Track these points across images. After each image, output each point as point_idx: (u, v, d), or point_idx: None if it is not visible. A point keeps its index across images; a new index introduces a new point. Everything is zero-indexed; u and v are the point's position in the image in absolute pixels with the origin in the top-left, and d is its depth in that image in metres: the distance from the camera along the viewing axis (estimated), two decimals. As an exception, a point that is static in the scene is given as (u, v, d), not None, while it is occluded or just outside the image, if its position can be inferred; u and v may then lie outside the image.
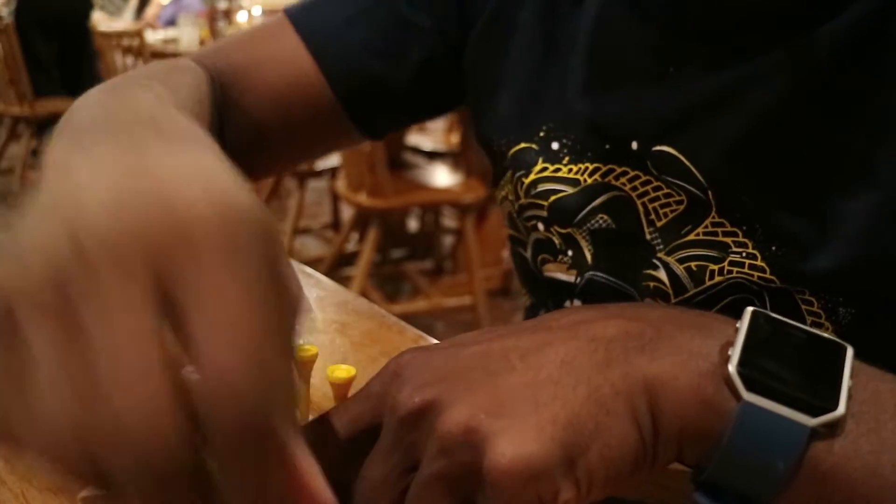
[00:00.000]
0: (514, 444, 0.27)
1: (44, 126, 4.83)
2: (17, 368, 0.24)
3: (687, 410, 0.29)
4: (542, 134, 0.57)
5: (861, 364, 0.31)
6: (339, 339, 0.56)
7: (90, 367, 0.23)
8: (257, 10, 5.39)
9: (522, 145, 0.58)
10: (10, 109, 4.28)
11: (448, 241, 3.37)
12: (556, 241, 0.57)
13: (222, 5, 5.11)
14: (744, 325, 0.31)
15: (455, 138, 3.28)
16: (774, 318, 0.32)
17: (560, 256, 0.58)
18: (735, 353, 0.29)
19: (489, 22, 0.60)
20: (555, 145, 0.56)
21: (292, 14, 0.64)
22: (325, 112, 0.63)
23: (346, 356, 0.54)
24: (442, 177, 2.98)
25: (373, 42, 0.62)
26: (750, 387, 0.28)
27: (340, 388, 0.37)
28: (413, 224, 3.50)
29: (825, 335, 0.32)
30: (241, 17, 5.12)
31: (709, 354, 0.30)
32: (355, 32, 0.62)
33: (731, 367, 0.29)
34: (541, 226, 0.58)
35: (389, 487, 0.31)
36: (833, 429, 0.29)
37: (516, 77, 0.59)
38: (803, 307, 0.48)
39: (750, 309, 0.32)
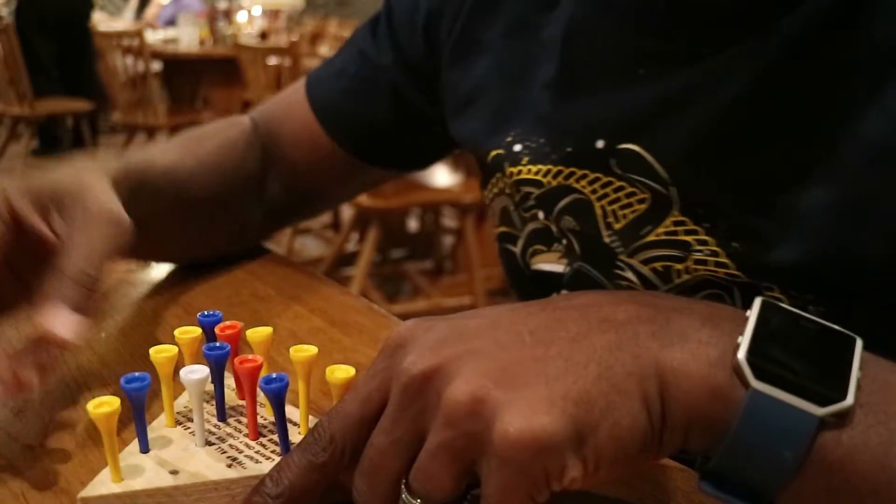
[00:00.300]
0: (523, 415, 0.27)
1: (43, 126, 4.84)
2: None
3: (696, 398, 0.29)
4: (509, 139, 0.59)
5: (871, 356, 0.31)
6: (338, 338, 0.56)
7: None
8: (257, 10, 5.40)
9: (493, 153, 0.60)
10: (10, 109, 4.28)
11: (448, 241, 3.37)
12: (554, 228, 0.59)
13: (222, 5, 5.10)
14: (753, 314, 0.31)
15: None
16: (785, 309, 0.32)
17: (555, 244, 0.59)
18: (744, 342, 0.29)
19: (457, 44, 0.64)
20: (517, 147, 0.59)
21: (309, 72, 0.74)
22: (336, 153, 0.72)
23: (345, 356, 0.54)
24: (442, 177, 2.98)
25: (352, 88, 0.70)
26: (759, 375, 0.28)
27: (340, 388, 0.37)
28: (413, 224, 3.50)
29: (835, 327, 0.32)
30: (240, 17, 5.12)
31: (718, 343, 0.30)
32: (341, 82, 0.71)
33: (741, 355, 0.29)
34: (541, 214, 0.59)
35: (397, 456, 0.31)
36: (841, 419, 0.28)
37: (485, 93, 0.62)
38: None
39: (760, 299, 0.32)
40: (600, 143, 0.53)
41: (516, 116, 0.59)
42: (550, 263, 0.60)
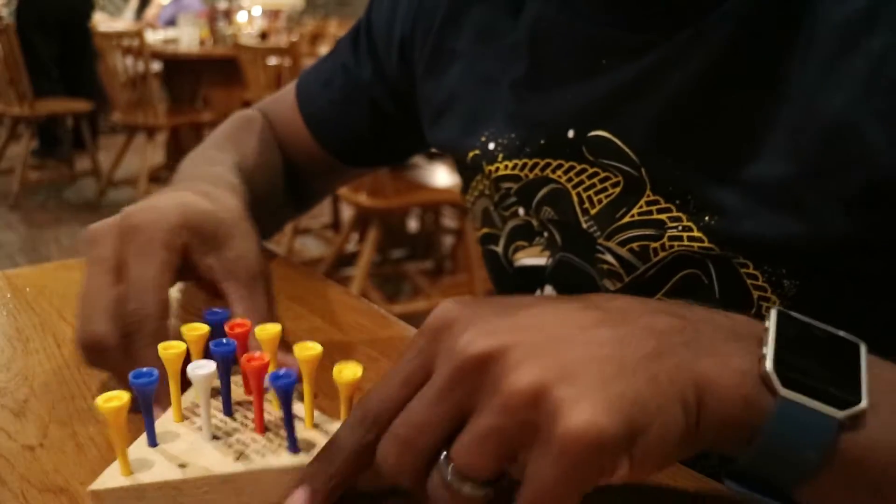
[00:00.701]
0: (587, 413, 0.28)
1: (44, 126, 4.84)
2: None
3: (729, 407, 0.31)
4: (483, 139, 0.62)
5: (873, 358, 0.33)
6: (338, 339, 0.56)
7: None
8: (257, 10, 5.39)
9: (471, 154, 0.63)
10: (9, 110, 4.28)
11: (448, 241, 3.37)
12: (535, 223, 0.61)
13: (222, 5, 5.10)
14: (772, 326, 0.33)
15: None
16: (797, 318, 0.34)
17: (537, 238, 0.61)
18: (769, 353, 0.31)
19: (430, 58, 0.67)
20: (491, 146, 0.61)
21: (300, 76, 0.80)
22: (322, 154, 0.78)
23: (346, 356, 0.54)
24: (442, 177, 2.98)
25: (337, 99, 0.76)
26: (785, 383, 0.31)
27: (348, 386, 0.38)
28: (413, 224, 3.50)
29: (840, 333, 0.34)
30: (240, 17, 5.12)
31: (744, 355, 0.32)
32: (328, 93, 0.76)
33: (769, 366, 0.31)
34: (521, 211, 0.61)
35: (434, 432, 0.31)
36: (857, 420, 0.31)
37: (458, 98, 0.65)
38: (749, 282, 0.50)
39: (775, 310, 0.34)
40: (571, 133, 0.56)
41: (489, 117, 0.62)
42: (533, 257, 0.61)
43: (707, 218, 0.49)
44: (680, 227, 0.50)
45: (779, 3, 0.47)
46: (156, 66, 4.42)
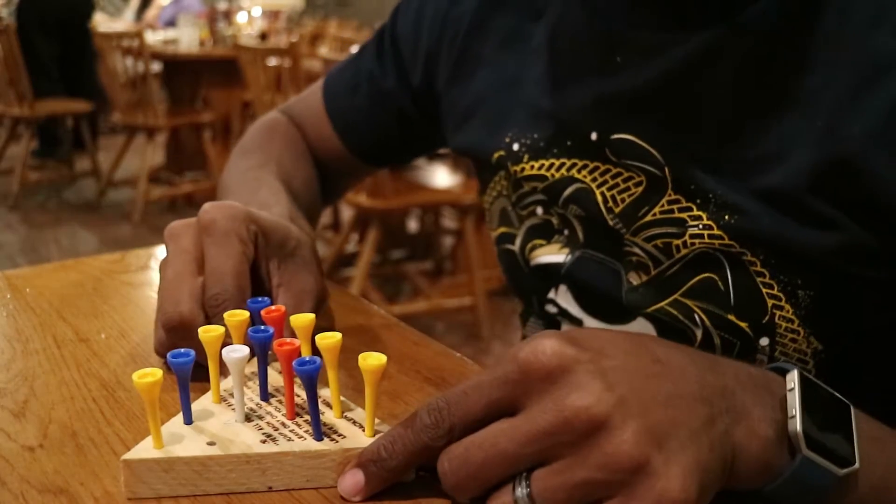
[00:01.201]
0: (681, 482, 0.32)
1: (43, 127, 4.84)
2: None
3: (753, 470, 0.36)
4: (507, 140, 0.63)
5: (858, 414, 0.39)
6: (338, 339, 0.56)
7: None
8: (257, 11, 5.40)
9: (496, 154, 0.64)
10: (9, 110, 4.28)
11: (448, 241, 3.37)
12: (555, 221, 0.62)
13: (222, 6, 5.11)
14: (797, 388, 0.37)
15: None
16: (810, 379, 0.38)
17: (556, 236, 0.63)
18: (798, 416, 0.36)
19: (456, 66, 0.69)
20: (515, 146, 0.63)
21: (326, 79, 0.82)
22: (346, 155, 0.80)
23: (346, 357, 0.54)
24: (442, 177, 2.98)
25: (364, 106, 0.78)
26: (809, 445, 0.35)
27: (373, 374, 0.39)
28: (413, 225, 3.50)
29: (835, 394, 0.39)
30: (240, 18, 5.12)
31: (771, 421, 0.36)
32: (355, 99, 0.78)
33: (799, 428, 0.35)
34: (539, 210, 0.63)
35: (510, 466, 0.35)
36: (851, 476, 0.36)
37: (484, 102, 0.67)
38: (764, 290, 0.51)
39: (796, 371, 0.38)
40: (594, 136, 0.57)
41: (512, 118, 0.63)
42: (551, 255, 0.63)
43: (727, 217, 0.51)
44: (700, 226, 0.52)
45: (808, 12, 0.48)
46: (156, 66, 4.42)
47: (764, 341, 0.51)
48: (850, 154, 0.46)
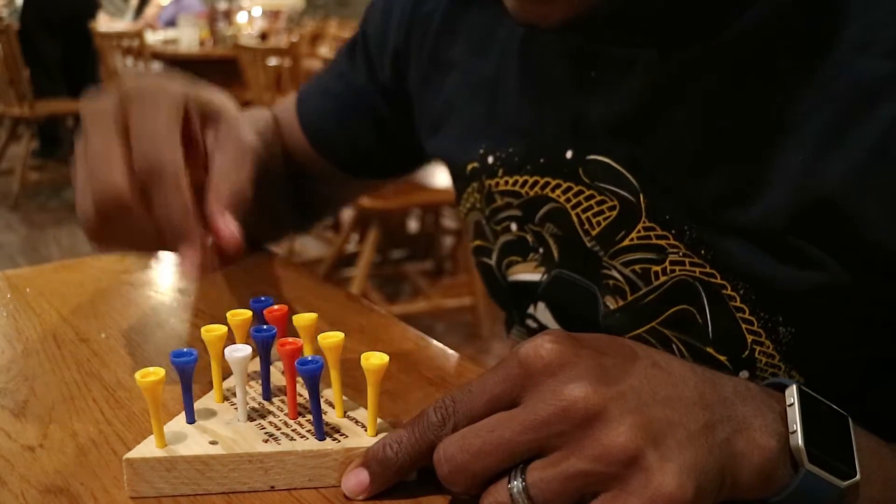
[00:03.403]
0: (676, 479, 0.32)
1: (44, 127, 4.84)
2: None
3: (754, 480, 0.35)
4: (481, 152, 0.61)
5: (855, 428, 0.38)
6: (339, 339, 0.56)
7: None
8: (257, 11, 5.40)
9: (470, 166, 0.62)
10: (10, 110, 4.28)
11: (448, 241, 3.37)
12: (530, 238, 0.60)
13: (222, 6, 5.11)
14: (797, 403, 0.37)
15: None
16: (809, 393, 0.38)
17: (531, 254, 0.60)
18: (799, 431, 0.36)
19: (427, 67, 0.66)
20: (490, 159, 0.60)
21: (301, 86, 0.78)
22: (329, 167, 0.75)
23: (346, 357, 0.54)
24: (442, 178, 2.97)
25: (335, 108, 0.74)
26: (810, 458, 0.35)
27: (375, 373, 0.39)
28: (413, 225, 3.50)
29: (834, 406, 0.39)
30: (240, 18, 5.12)
31: (772, 433, 0.36)
32: (326, 102, 0.74)
33: (801, 443, 0.35)
34: (514, 226, 0.60)
35: (512, 457, 0.35)
36: (852, 488, 0.36)
37: (456, 109, 0.64)
38: (744, 326, 0.49)
39: (795, 386, 0.38)
40: (569, 154, 0.55)
41: (487, 129, 0.61)
42: (527, 273, 0.61)
43: (703, 251, 0.49)
44: (680, 254, 0.50)
45: (792, 36, 0.45)
46: (156, 66, 4.42)
47: (744, 374, 0.50)
48: (832, 193, 0.43)
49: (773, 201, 0.45)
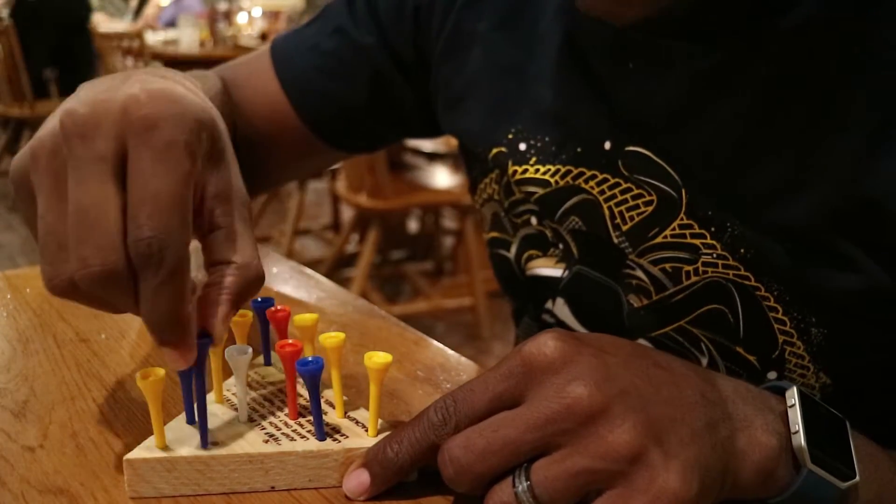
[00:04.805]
0: (680, 477, 0.33)
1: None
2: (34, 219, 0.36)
3: (755, 480, 0.36)
4: (510, 136, 0.58)
5: (853, 432, 0.39)
6: (339, 339, 0.56)
7: (65, 219, 0.34)
8: (257, 11, 5.40)
9: (495, 150, 0.59)
10: (9, 111, 4.28)
11: (448, 242, 3.37)
12: (549, 233, 0.58)
13: (222, 6, 5.11)
14: (798, 405, 0.37)
15: (454, 140, 3.28)
16: (808, 396, 0.38)
17: (552, 249, 0.59)
18: (801, 431, 0.36)
19: (450, 37, 0.63)
20: (522, 146, 0.58)
21: (274, 40, 0.71)
22: (297, 129, 0.69)
23: (346, 357, 0.54)
24: (442, 178, 2.98)
25: (327, 65, 0.67)
26: (813, 459, 0.35)
27: (378, 372, 0.39)
28: (413, 225, 3.50)
29: (832, 409, 0.39)
30: (241, 19, 5.12)
31: (773, 433, 0.36)
32: (315, 58, 0.67)
33: (803, 443, 0.36)
34: (534, 220, 0.59)
35: (516, 455, 0.34)
36: (852, 489, 0.36)
37: (480, 87, 0.61)
38: (776, 326, 0.48)
39: (796, 389, 0.38)
40: (607, 144, 0.53)
41: (516, 112, 0.58)
42: (547, 268, 0.60)
43: (742, 251, 0.48)
44: (714, 255, 0.49)
45: (846, 33, 0.44)
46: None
47: (772, 375, 0.50)
48: (879, 193, 0.43)
49: (818, 199, 0.45)
